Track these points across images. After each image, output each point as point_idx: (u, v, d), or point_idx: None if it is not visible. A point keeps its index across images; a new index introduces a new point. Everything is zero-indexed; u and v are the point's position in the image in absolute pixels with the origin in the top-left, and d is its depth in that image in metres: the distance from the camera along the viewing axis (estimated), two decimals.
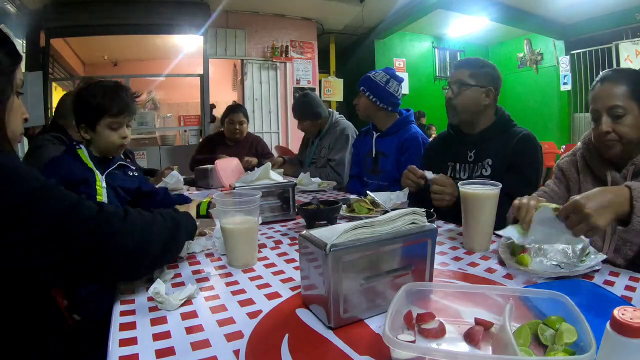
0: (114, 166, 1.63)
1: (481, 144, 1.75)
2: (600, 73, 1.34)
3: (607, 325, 0.49)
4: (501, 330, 0.59)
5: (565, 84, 6.98)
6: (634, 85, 1.24)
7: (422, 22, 6.81)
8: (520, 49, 7.84)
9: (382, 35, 7.38)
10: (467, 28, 7.35)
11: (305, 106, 2.98)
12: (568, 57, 6.85)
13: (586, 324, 0.58)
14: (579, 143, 1.48)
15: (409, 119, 2.42)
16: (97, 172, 1.56)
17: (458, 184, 1.24)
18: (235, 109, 3.40)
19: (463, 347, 0.67)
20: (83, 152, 1.55)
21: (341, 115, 3.06)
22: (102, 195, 1.56)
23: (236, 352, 0.69)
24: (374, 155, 2.44)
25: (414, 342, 0.66)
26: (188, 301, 0.89)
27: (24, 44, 5.02)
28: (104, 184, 1.57)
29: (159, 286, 0.87)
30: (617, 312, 0.48)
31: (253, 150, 3.39)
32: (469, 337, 0.67)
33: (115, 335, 0.76)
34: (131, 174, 1.69)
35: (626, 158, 1.30)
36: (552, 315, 0.67)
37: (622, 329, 0.47)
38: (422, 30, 7.72)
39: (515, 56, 7.99)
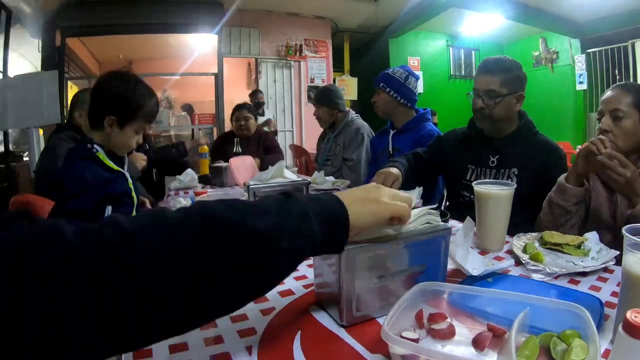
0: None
1: (505, 150, 1.70)
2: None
3: (620, 327, 0.49)
4: (508, 339, 0.58)
5: (581, 83, 6.87)
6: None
7: (436, 20, 6.77)
8: (536, 47, 7.73)
9: (396, 33, 7.34)
10: (482, 26, 7.29)
11: (326, 92, 3.09)
12: (584, 55, 6.73)
13: (597, 343, 0.55)
14: None
15: (425, 116, 2.43)
16: (122, 170, 1.56)
17: (472, 183, 1.24)
18: (240, 107, 3.46)
19: (468, 351, 0.66)
20: (102, 155, 1.49)
21: (357, 115, 3.08)
22: (132, 191, 1.57)
23: (249, 349, 0.70)
24: (390, 152, 2.46)
25: (416, 340, 0.66)
26: None
27: (40, 43, 5.09)
28: (130, 180, 1.58)
29: None
30: (630, 314, 0.48)
31: (261, 146, 3.44)
32: (476, 342, 0.66)
33: None
34: None
35: None
36: (568, 329, 0.63)
37: (635, 331, 0.47)
38: (436, 29, 7.67)
39: (530, 55, 7.87)
